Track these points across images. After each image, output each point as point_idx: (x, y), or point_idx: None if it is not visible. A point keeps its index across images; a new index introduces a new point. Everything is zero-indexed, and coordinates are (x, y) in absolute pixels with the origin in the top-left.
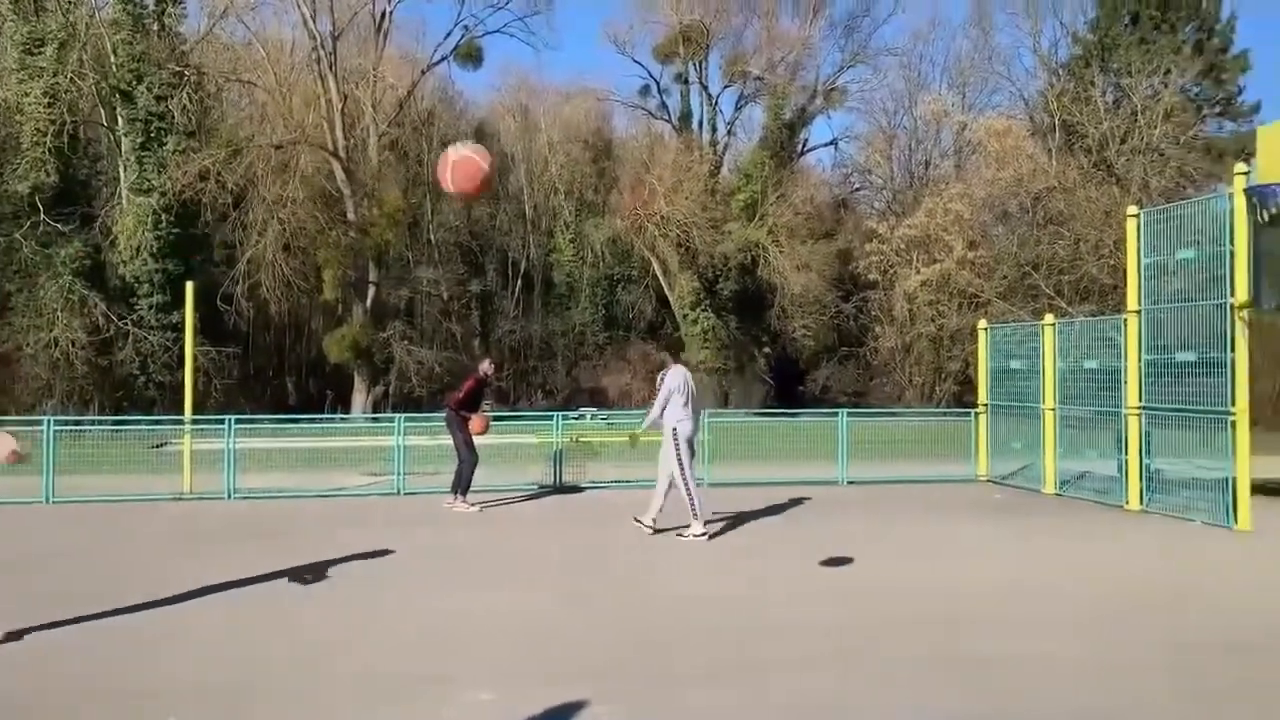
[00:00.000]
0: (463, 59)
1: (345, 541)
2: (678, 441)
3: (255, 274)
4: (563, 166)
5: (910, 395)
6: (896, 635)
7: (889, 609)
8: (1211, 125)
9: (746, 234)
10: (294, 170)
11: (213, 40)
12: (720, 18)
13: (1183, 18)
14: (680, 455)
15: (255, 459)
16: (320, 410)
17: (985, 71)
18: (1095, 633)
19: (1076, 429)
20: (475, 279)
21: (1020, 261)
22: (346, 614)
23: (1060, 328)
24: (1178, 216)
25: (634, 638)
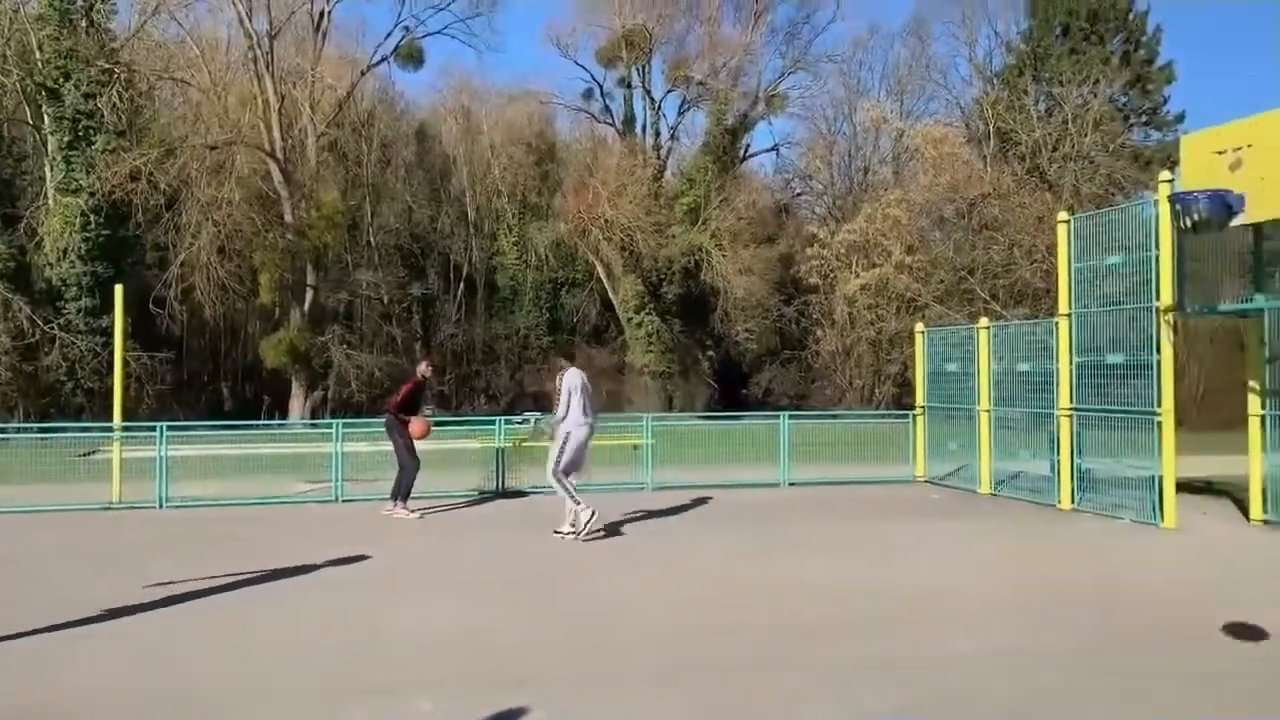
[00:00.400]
0: (403, 60)
1: (280, 551)
2: (565, 444)
3: (189, 277)
4: (505, 169)
5: (851, 397)
6: (836, 635)
7: (827, 610)
8: (1138, 134)
9: (690, 238)
10: (229, 171)
11: (144, 37)
12: (663, 22)
13: (1111, 29)
14: (561, 455)
15: (189, 467)
16: (257, 416)
17: (922, 79)
18: (1025, 629)
19: (1011, 430)
20: (416, 282)
21: (956, 266)
22: (281, 625)
23: (995, 331)
24: (1106, 223)
25: (574, 644)
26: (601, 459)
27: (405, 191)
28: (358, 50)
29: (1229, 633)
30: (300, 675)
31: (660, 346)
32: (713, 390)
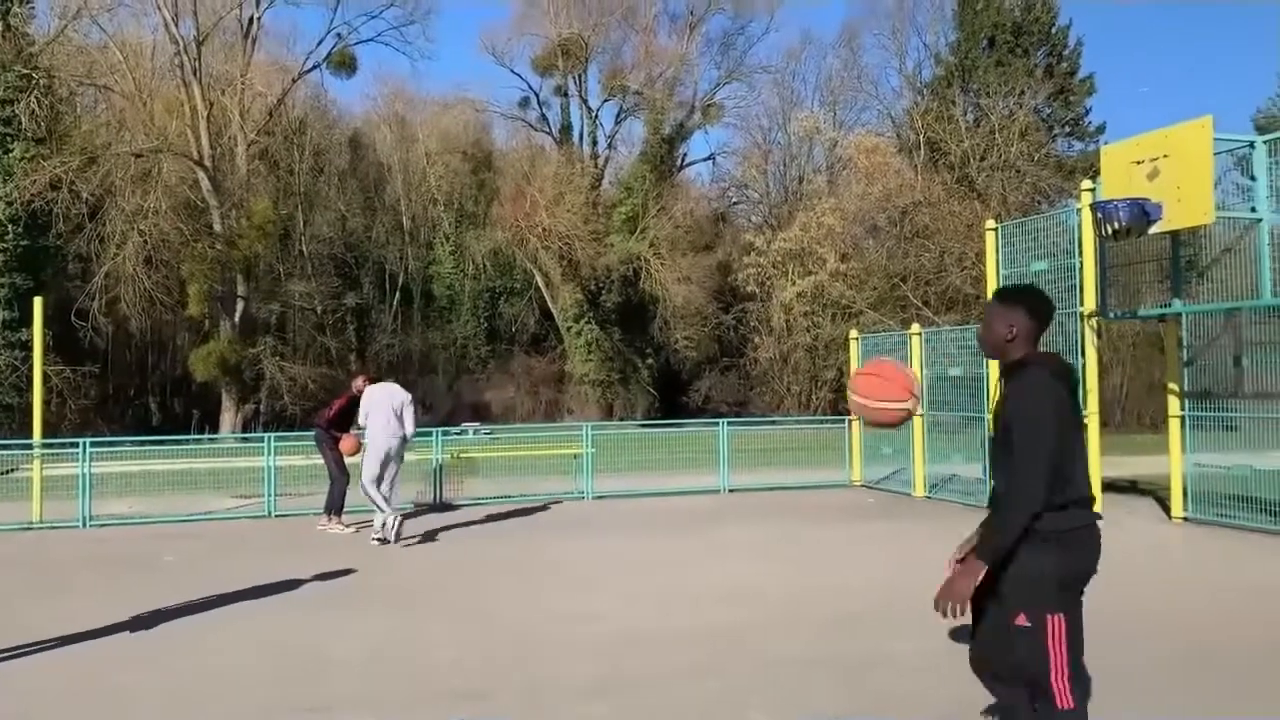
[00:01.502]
0: (336, 67)
1: (210, 568)
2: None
3: (114, 288)
4: (441, 177)
5: (789, 404)
6: (774, 638)
7: (765, 614)
8: (1062, 144)
9: (628, 246)
10: (156, 179)
11: (64, 42)
12: (599, 32)
13: (1035, 42)
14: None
15: (114, 484)
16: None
17: (854, 90)
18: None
19: (944, 434)
20: (351, 292)
21: (889, 273)
22: (212, 645)
23: (927, 336)
24: (1032, 230)
25: (511, 656)
26: (541, 469)
27: (339, 200)
28: (289, 57)
29: (1150, 628)
30: (233, 696)
31: (600, 355)
32: (652, 398)
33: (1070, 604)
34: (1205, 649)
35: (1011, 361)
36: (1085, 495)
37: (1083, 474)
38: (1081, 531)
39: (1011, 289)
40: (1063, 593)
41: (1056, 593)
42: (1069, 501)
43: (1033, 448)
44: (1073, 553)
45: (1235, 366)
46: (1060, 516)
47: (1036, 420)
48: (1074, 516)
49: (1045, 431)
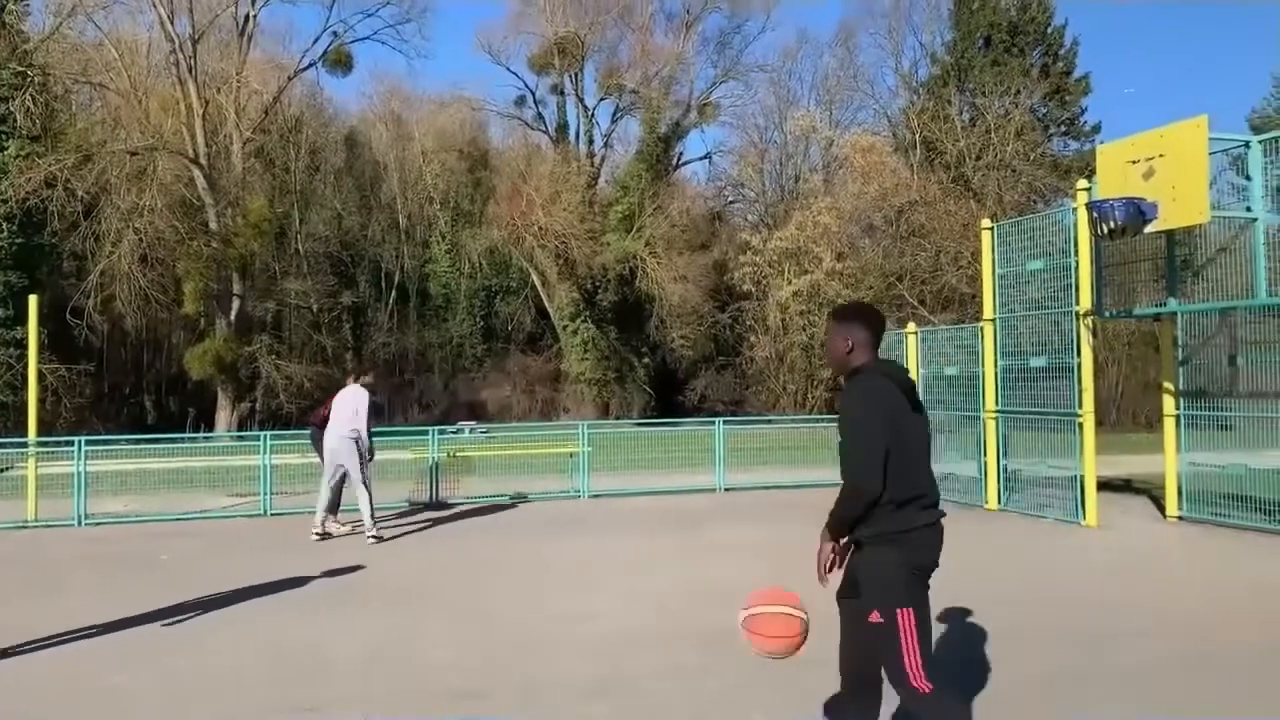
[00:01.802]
0: (332, 65)
1: (205, 567)
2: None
3: (109, 286)
4: (437, 176)
5: (785, 402)
6: None
7: None
8: (1057, 144)
9: (625, 245)
10: (151, 177)
11: (60, 40)
12: (595, 30)
13: (1031, 42)
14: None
15: (109, 482)
16: (181, 429)
17: (850, 89)
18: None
19: (939, 433)
20: (347, 290)
21: (885, 272)
22: (208, 644)
23: (923, 336)
24: (1028, 229)
25: (507, 655)
26: (537, 467)
27: (335, 198)
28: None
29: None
30: (229, 695)
31: (596, 354)
32: (649, 397)
33: (918, 598)
34: (1201, 648)
35: (850, 370)
36: (924, 493)
37: (922, 473)
38: (922, 530)
39: (844, 307)
40: (909, 588)
41: (904, 589)
42: (908, 499)
43: (863, 441)
44: (914, 549)
45: (1230, 365)
46: (900, 515)
47: (864, 419)
48: (913, 516)
49: (873, 427)
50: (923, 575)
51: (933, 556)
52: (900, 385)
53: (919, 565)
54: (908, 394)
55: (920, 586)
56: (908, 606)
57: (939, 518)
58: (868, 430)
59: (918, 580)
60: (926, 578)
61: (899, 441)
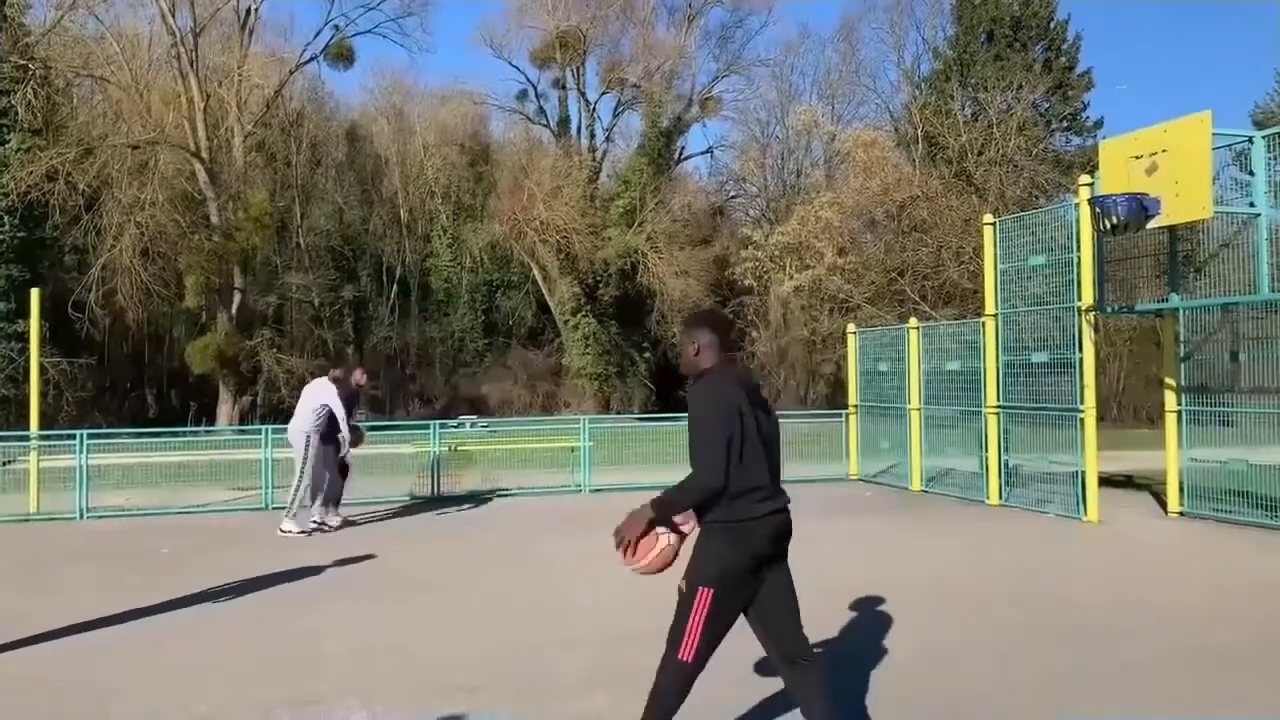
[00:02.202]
0: (333, 59)
1: (206, 561)
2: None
3: (111, 280)
4: (439, 170)
5: (785, 397)
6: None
7: None
8: (1060, 139)
9: (626, 240)
10: (152, 171)
11: (61, 33)
12: (597, 24)
13: (1033, 37)
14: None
15: (111, 476)
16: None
17: (852, 84)
18: (955, 624)
19: (941, 428)
20: (348, 284)
21: (887, 267)
22: (209, 637)
23: (924, 331)
24: (1029, 225)
25: (507, 650)
26: (538, 462)
27: (336, 192)
28: (286, 49)
29: (1147, 624)
30: (229, 688)
31: (597, 348)
32: (650, 391)
33: (731, 584)
34: (1203, 644)
35: (699, 372)
36: (761, 486)
37: (761, 468)
38: (754, 520)
39: (694, 314)
40: (724, 573)
41: (715, 571)
42: (744, 491)
43: (706, 436)
44: (743, 538)
45: (1232, 361)
46: (734, 506)
47: (709, 418)
48: (748, 507)
49: (716, 424)
50: (748, 564)
51: (764, 547)
52: (744, 386)
53: (750, 553)
54: (752, 394)
55: (747, 575)
56: (709, 587)
57: (775, 510)
58: (712, 429)
59: (746, 568)
60: (755, 565)
61: (740, 440)
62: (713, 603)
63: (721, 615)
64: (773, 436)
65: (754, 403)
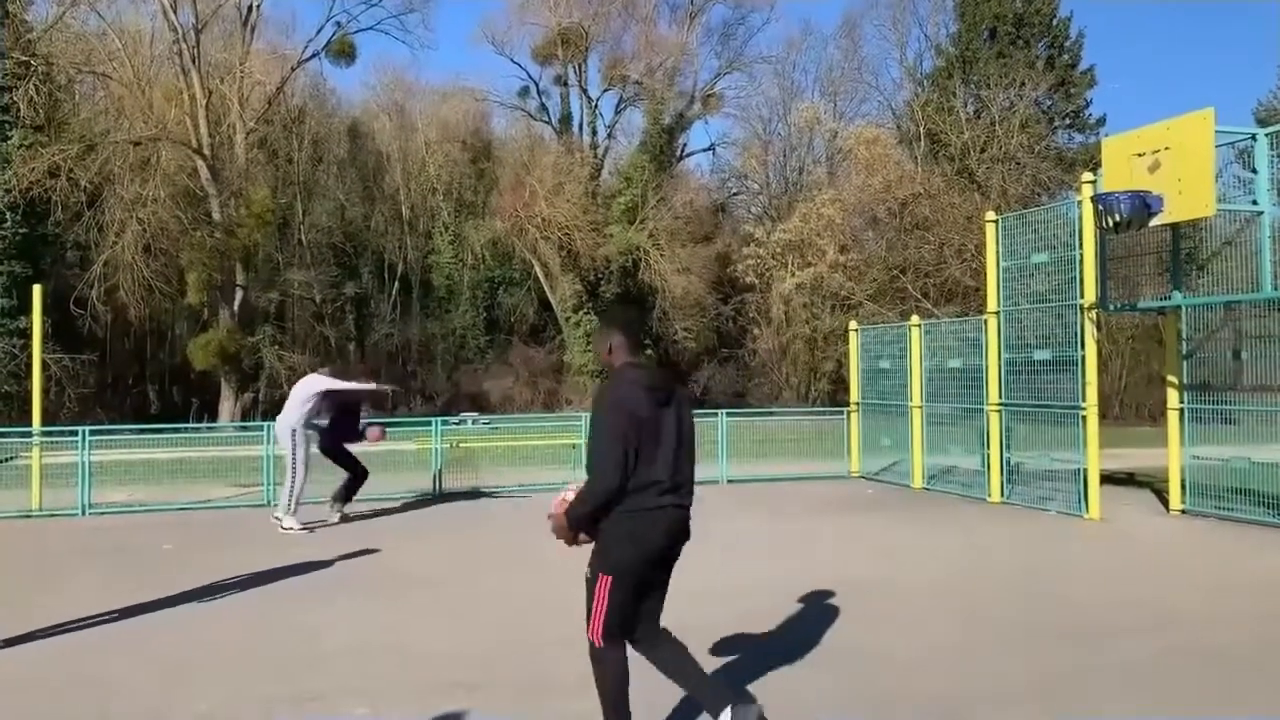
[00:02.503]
0: (335, 56)
1: (208, 557)
2: (295, 442)
3: (113, 276)
4: (440, 167)
5: (787, 395)
6: (772, 633)
7: (762, 607)
8: (1062, 136)
9: (628, 237)
10: (154, 168)
11: (63, 29)
12: (599, 21)
13: (1036, 34)
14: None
15: (113, 472)
16: (185, 419)
17: (855, 81)
18: (958, 622)
19: (942, 426)
20: (350, 281)
21: (889, 265)
22: (210, 633)
23: (926, 328)
24: (1032, 222)
25: (508, 648)
26: (540, 459)
27: (338, 189)
28: (288, 45)
29: (1149, 622)
30: (231, 684)
31: None
32: None
33: (631, 571)
34: (1204, 643)
35: (612, 370)
36: (660, 480)
37: (663, 464)
38: (650, 512)
39: (606, 313)
40: (622, 560)
41: (613, 559)
42: (644, 486)
43: (603, 438)
44: (640, 529)
45: (1234, 359)
46: (634, 499)
47: (607, 419)
48: (646, 500)
49: (615, 425)
50: (646, 553)
51: (655, 538)
52: (649, 385)
53: (646, 544)
54: (658, 393)
55: (645, 563)
56: (610, 574)
57: (674, 504)
58: (610, 430)
59: (643, 558)
60: (650, 558)
61: (639, 438)
62: (613, 588)
63: (625, 598)
64: (681, 433)
65: (660, 401)
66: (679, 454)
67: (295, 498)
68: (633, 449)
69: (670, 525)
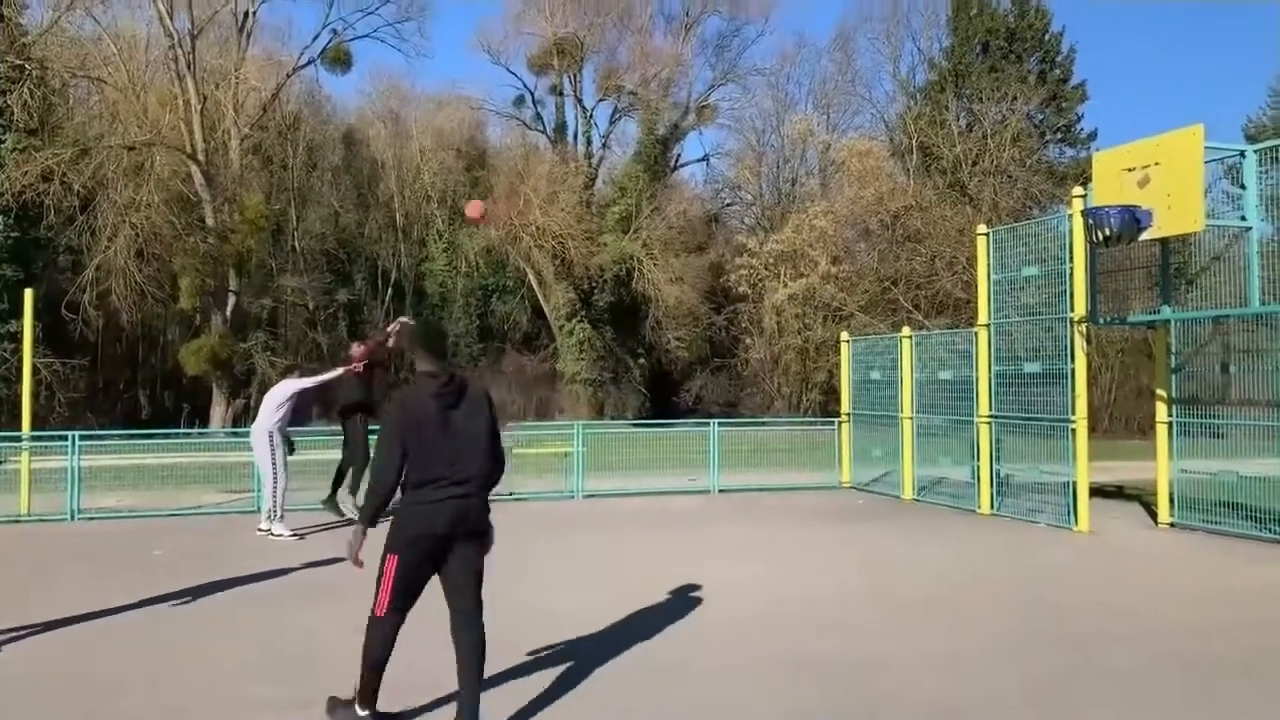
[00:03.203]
0: (331, 63)
1: (198, 563)
2: (272, 445)
3: (105, 281)
4: (435, 174)
5: (779, 405)
6: (763, 638)
7: (754, 613)
8: (1053, 150)
9: (621, 246)
10: (148, 173)
11: (58, 33)
12: (594, 31)
13: (1028, 49)
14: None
15: (103, 477)
16: (176, 425)
17: (848, 94)
18: (948, 631)
19: (933, 437)
20: (343, 288)
21: (881, 276)
22: (199, 639)
23: (917, 340)
24: (1023, 236)
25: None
26: (532, 467)
27: (332, 196)
28: (284, 52)
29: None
30: (220, 690)
31: (592, 354)
32: (644, 398)
33: (411, 552)
34: (1191, 655)
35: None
36: (440, 477)
37: (438, 464)
38: (426, 504)
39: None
40: (403, 544)
41: (396, 542)
42: (424, 482)
43: (384, 444)
44: (416, 518)
45: (1223, 374)
46: (414, 493)
47: (387, 425)
48: (424, 494)
49: (391, 429)
50: (420, 539)
51: (441, 527)
52: (435, 391)
53: (415, 529)
54: (447, 398)
55: (425, 548)
56: (393, 555)
57: (456, 496)
58: (388, 435)
59: (426, 540)
60: (425, 544)
61: (418, 439)
62: (397, 568)
63: (406, 577)
64: (469, 432)
65: (448, 404)
66: (464, 451)
67: (279, 504)
68: (412, 448)
69: (451, 515)
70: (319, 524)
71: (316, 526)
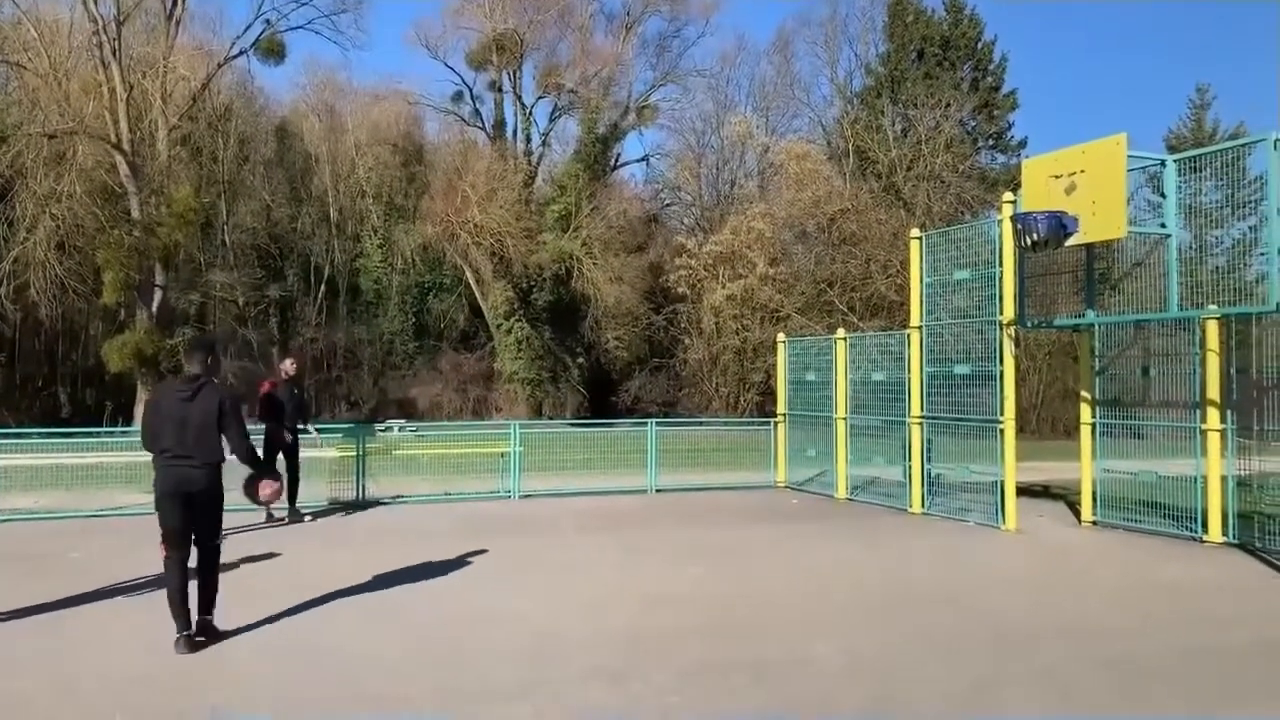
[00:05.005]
0: (264, 54)
1: (117, 565)
2: None
3: (23, 274)
4: (370, 169)
5: (717, 405)
6: (697, 641)
7: (687, 616)
8: (985, 157)
9: (561, 245)
10: (70, 162)
11: None
12: (534, 29)
13: (962, 56)
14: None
15: (20, 477)
16: (98, 423)
17: (787, 97)
18: (878, 629)
19: (866, 437)
20: (274, 284)
21: (817, 279)
22: (112, 643)
23: (851, 341)
24: (955, 240)
25: (433, 658)
26: (468, 467)
27: (264, 190)
28: (215, 42)
29: (1060, 628)
30: (134, 697)
31: (530, 353)
32: (582, 397)
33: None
34: (1116, 650)
35: None
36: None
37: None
38: (160, 469)
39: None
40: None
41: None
42: (159, 453)
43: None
44: (158, 479)
45: (1143, 376)
46: (155, 461)
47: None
48: (159, 462)
49: (144, 414)
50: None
51: (169, 487)
52: (176, 389)
53: (163, 488)
54: (181, 392)
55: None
56: (158, 511)
57: (176, 464)
58: (144, 418)
59: (168, 497)
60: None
61: (157, 421)
62: (158, 515)
63: (164, 521)
64: (188, 416)
65: (184, 398)
66: (187, 431)
67: None
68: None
69: (175, 477)
70: (247, 524)
71: (241, 528)
